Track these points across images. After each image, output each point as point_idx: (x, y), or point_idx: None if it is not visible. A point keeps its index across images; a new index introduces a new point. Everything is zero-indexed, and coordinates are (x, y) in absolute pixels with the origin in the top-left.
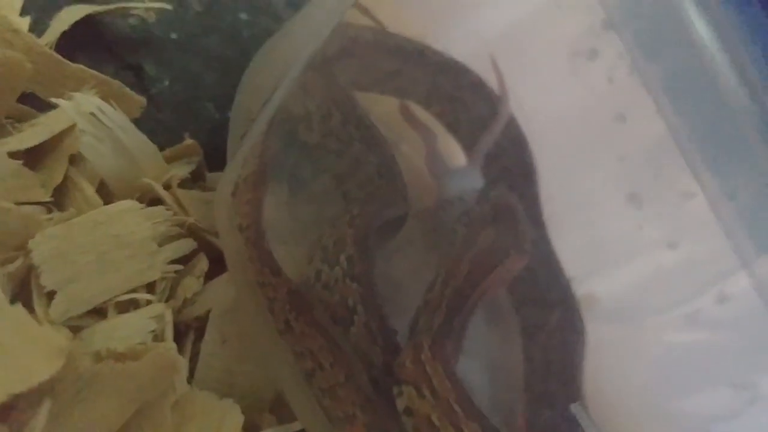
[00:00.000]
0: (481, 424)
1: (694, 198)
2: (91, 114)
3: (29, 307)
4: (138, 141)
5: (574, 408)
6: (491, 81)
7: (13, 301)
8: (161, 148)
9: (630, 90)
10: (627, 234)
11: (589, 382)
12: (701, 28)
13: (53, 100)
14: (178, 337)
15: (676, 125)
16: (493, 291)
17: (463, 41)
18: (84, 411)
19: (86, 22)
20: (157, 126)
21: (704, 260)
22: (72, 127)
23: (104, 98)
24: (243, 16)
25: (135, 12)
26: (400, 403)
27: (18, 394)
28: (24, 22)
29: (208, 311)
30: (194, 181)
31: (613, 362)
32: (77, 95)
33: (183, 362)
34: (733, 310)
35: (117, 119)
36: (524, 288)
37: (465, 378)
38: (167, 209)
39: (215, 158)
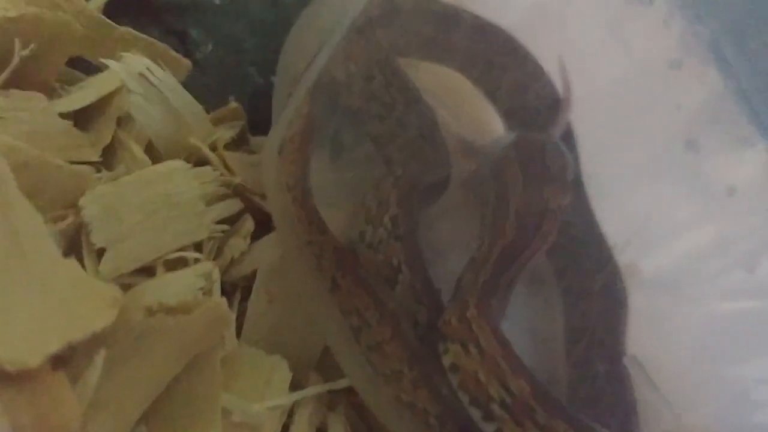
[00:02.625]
0: (528, 381)
1: (753, 144)
2: (140, 74)
3: (79, 264)
4: (186, 102)
5: (628, 360)
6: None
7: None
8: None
9: (686, 35)
10: (685, 181)
11: (631, 349)
12: None
13: (103, 60)
14: (225, 297)
15: (734, 70)
16: (543, 247)
17: (502, 6)
18: (136, 364)
19: None
20: (201, 90)
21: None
22: (120, 89)
23: (152, 60)
24: None
25: None
26: (446, 360)
27: (74, 344)
28: None
29: (255, 271)
30: (238, 145)
31: (657, 329)
32: (127, 55)
33: (233, 317)
34: None
35: (165, 80)
36: (565, 255)
37: None
38: (214, 170)
39: (258, 123)
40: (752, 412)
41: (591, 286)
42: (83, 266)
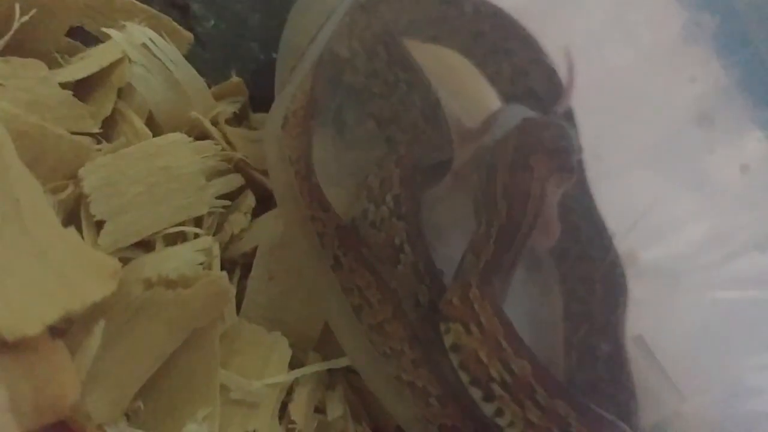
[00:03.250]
0: (529, 361)
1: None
2: (143, 45)
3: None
4: (188, 75)
5: (635, 341)
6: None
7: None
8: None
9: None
10: (697, 157)
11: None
12: None
13: (105, 30)
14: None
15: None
16: (537, 222)
17: None
18: (134, 338)
19: None
20: (202, 65)
21: None
22: (121, 60)
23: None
24: None
25: None
26: (448, 340)
27: (73, 315)
28: None
29: (255, 248)
30: (238, 121)
31: (655, 318)
32: (130, 25)
33: (233, 291)
34: None
35: (168, 51)
36: (564, 241)
37: None
38: (215, 144)
39: (259, 99)
40: (747, 400)
41: (591, 272)
42: (82, 238)
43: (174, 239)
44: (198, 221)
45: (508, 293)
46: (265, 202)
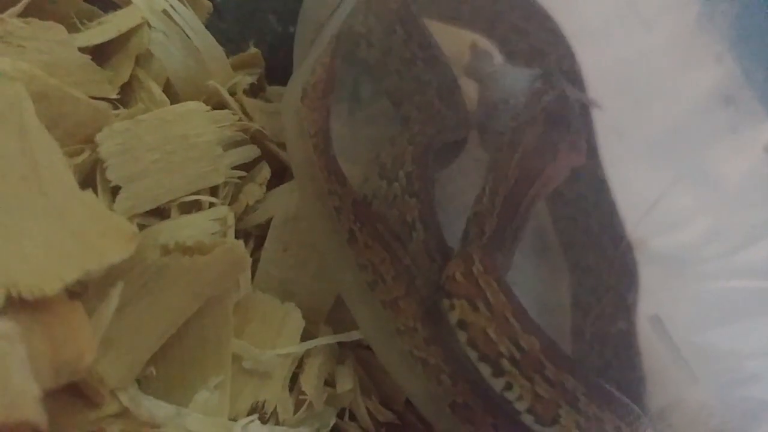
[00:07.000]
0: (538, 337)
1: None
2: (163, 11)
3: None
4: (207, 43)
5: (651, 320)
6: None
7: None
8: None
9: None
10: (721, 135)
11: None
12: None
13: None
14: None
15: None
16: (543, 193)
17: None
18: (149, 304)
19: None
20: (220, 36)
21: None
22: (139, 27)
23: None
24: None
25: None
26: (453, 317)
27: (91, 276)
28: None
29: (269, 220)
30: (254, 92)
31: (663, 305)
32: None
33: (249, 260)
34: None
35: (188, 18)
36: (575, 229)
37: None
38: (233, 114)
39: (275, 72)
40: (749, 387)
41: (601, 259)
42: None
43: (189, 208)
44: (213, 191)
45: (517, 278)
46: (280, 175)
